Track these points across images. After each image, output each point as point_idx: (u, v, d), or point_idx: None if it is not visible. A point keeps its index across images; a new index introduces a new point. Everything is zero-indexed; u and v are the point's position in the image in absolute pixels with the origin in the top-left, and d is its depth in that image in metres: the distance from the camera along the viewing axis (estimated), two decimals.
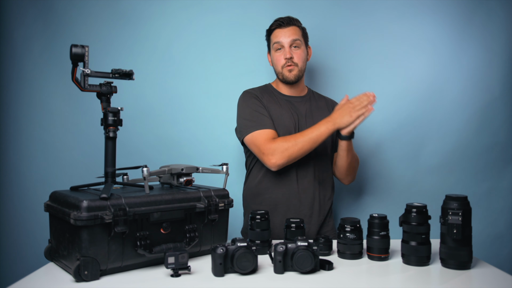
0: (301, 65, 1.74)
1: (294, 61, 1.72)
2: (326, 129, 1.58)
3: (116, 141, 1.27)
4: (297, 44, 1.73)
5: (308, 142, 1.59)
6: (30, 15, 2.13)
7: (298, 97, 1.82)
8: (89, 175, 1.52)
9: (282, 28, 1.73)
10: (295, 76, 1.73)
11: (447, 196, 1.22)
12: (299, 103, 1.80)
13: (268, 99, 1.76)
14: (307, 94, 1.86)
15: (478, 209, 1.90)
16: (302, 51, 1.74)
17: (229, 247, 1.15)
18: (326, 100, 1.88)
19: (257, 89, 1.81)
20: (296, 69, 1.73)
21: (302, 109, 1.78)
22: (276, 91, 1.82)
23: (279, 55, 1.74)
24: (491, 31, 2.13)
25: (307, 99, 1.83)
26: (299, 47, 1.73)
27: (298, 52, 1.73)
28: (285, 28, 1.73)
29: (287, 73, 1.73)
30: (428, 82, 2.15)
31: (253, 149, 1.68)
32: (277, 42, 1.73)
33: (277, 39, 1.73)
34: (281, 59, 1.73)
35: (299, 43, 1.73)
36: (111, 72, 1.28)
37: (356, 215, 2.10)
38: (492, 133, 2.14)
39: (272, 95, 1.79)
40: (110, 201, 1.13)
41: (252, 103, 1.73)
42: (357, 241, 1.31)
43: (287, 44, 1.72)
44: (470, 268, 1.22)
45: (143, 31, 2.16)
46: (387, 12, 2.15)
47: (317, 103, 1.84)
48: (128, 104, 1.58)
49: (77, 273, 1.08)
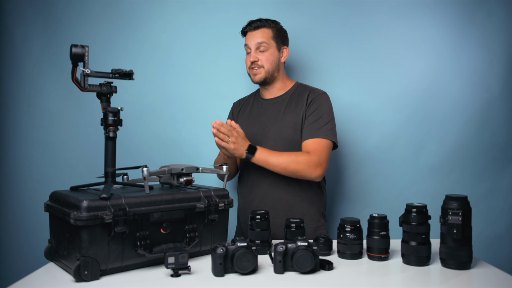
0: (268, 67, 1.74)
1: (259, 64, 1.74)
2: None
3: (116, 141, 1.27)
4: (264, 48, 1.73)
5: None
6: (30, 15, 2.13)
7: (272, 99, 1.82)
8: (89, 175, 1.52)
9: (251, 31, 1.76)
10: (260, 79, 1.76)
11: (447, 196, 1.22)
12: (271, 105, 1.80)
13: (244, 108, 1.88)
14: (285, 93, 1.81)
15: (478, 209, 1.90)
16: (270, 53, 1.74)
17: (229, 247, 1.15)
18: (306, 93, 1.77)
19: (241, 99, 1.95)
20: (262, 72, 1.74)
21: (271, 111, 1.78)
22: (259, 96, 1.87)
23: (247, 57, 1.77)
24: (491, 31, 2.13)
25: (281, 99, 1.79)
26: (266, 50, 1.74)
27: (264, 54, 1.74)
28: (253, 31, 1.75)
29: (253, 76, 1.77)
30: (428, 82, 2.15)
31: None
32: (246, 45, 1.78)
33: (246, 42, 1.78)
34: (248, 61, 1.77)
35: (266, 46, 1.73)
36: (111, 72, 1.28)
37: (356, 215, 2.10)
38: (492, 133, 2.14)
39: (252, 102, 1.87)
40: (110, 201, 1.13)
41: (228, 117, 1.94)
42: (357, 241, 1.31)
43: (253, 47, 1.74)
44: (470, 268, 1.22)
45: (143, 31, 2.16)
46: (387, 12, 2.15)
47: (297, 98, 1.76)
48: (128, 104, 1.58)
49: (77, 273, 1.08)
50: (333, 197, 2.20)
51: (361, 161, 2.16)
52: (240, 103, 1.93)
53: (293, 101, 1.77)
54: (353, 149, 2.15)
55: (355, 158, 2.16)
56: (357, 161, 2.16)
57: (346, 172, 2.18)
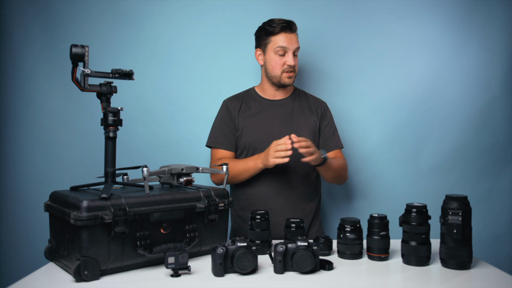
0: (297, 71, 1.77)
1: (295, 68, 1.74)
2: (254, 165, 1.64)
3: (116, 141, 1.27)
4: (297, 52, 1.75)
5: (237, 173, 1.67)
6: (30, 15, 2.13)
7: (278, 100, 1.82)
8: (89, 175, 1.52)
9: (287, 33, 1.70)
10: (292, 83, 1.77)
11: (447, 196, 1.22)
12: (280, 106, 1.80)
13: (246, 107, 1.81)
14: (291, 94, 1.84)
15: (478, 209, 1.90)
16: (298, 58, 1.77)
17: (229, 247, 1.15)
18: (310, 100, 1.85)
19: (235, 96, 1.86)
20: (294, 76, 1.75)
21: (281, 113, 1.79)
22: (258, 95, 1.84)
23: (280, 59, 1.72)
24: (491, 31, 2.13)
25: (291, 100, 1.82)
26: (297, 55, 1.75)
27: (297, 59, 1.76)
28: (291, 34, 1.71)
29: (287, 80, 1.74)
30: (428, 82, 2.15)
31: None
32: (282, 47, 1.70)
33: (282, 44, 1.70)
34: (281, 63, 1.72)
35: (298, 51, 1.75)
36: (111, 72, 1.28)
37: (356, 215, 2.10)
38: (492, 133, 2.14)
39: (252, 101, 1.82)
40: (110, 201, 1.13)
41: (221, 116, 1.82)
42: (357, 241, 1.31)
43: (291, 51, 1.71)
44: (470, 268, 1.22)
45: (143, 31, 2.16)
46: (387, 12, 2.15)
47: (301, 103, 1.83)
48: (128, 104, 1.58)
49: (77, 273, 1.08)
50: (333, 197, 2.20)
51: (361, 161, 2.16)
52: (238, 101, 1.84)
53: (299, 105, 1.81)
54: (353, 149, 2.15)
55: (355, 158, 2.16)
56: (357, 161, 2.16)
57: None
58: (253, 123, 1.77)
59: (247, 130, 1.77)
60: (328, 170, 1.68)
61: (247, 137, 1.76)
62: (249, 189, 1.75)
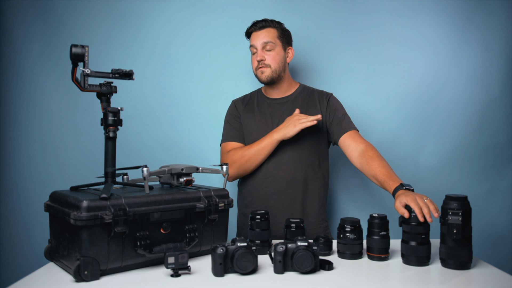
0: (274, 66, 1.74)
1: (266, 63, 1.74)
2: (269, 141, 1.66)
3: (116, 141, 1.27)
4: (270, 47, 1.74)
5: (253, 155, 1.68)
6: (30, 15, 2.13)
7: (279, 98, 1.82)
8: (89, 175, 1.52)
9: (256, 32, 1.76)
10: (268, 77, 1.75)
11: (447, 196, 1.22)
12: (282, 105, 1.80)
13: (249, 107, 1.83)
14: (293, 93, 1.83)
15: (478, 209, 1.90)
16: (276, 53, 1.75)
17: (229, 247, 1.15)
18: (315, 95, 1.83)
19: (243, 97, 1.90)
20: (268, 70, 1.74)
21: (283, 111, 1.78)
22: (263, 95, 1.86)
23: (253, 58, 1.77)
24: (491, 31, 2.13)
25: (291, 99, 1.81)
26: (272, 49, 1.74)
27: (271, 54, 1.74)
28: (258, 31, 1.75)
29: (260, 75, 1.76)
30: (428, 82, 2.15)
31: None
32: (251, 46, 1.77)
33: (251, 42, 1.77)
34: (254, 61, 1.76)
35: (272, 45, 1.74)
36: (111, 72, 1.28)
37: (356, 215, 2.10)
38: (492, 133, 2.14)
39: (256, 101, 1.84)
40: (110, 201, 1.13)
41: (228, 114, 1.87)
42: (357, 241, 1.31)
43: (259, 46, 1.74)
44: (470, 268, 1.22)
45: (143, 31, 2.16)
46: (386, 12, 2.15)
47: (304, 100, 1.81)
48: (128, 104, 1.58)
49: (77, 273, 1.08)
50: (333, 197, 2.20)
51: None
52: (243, 101, 1.87)
53: (304, 102, 1.80)
54: None
55: None
56: None
57: (346, 172, 2.17)
58: (255, 122, 1.79)
59: (250, 129, 1.78)
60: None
61: (249, 135, 1.78)
62: (252, 186, 1.75)
